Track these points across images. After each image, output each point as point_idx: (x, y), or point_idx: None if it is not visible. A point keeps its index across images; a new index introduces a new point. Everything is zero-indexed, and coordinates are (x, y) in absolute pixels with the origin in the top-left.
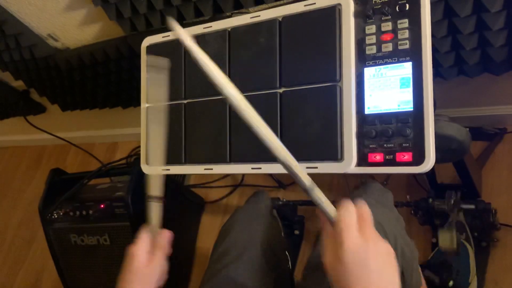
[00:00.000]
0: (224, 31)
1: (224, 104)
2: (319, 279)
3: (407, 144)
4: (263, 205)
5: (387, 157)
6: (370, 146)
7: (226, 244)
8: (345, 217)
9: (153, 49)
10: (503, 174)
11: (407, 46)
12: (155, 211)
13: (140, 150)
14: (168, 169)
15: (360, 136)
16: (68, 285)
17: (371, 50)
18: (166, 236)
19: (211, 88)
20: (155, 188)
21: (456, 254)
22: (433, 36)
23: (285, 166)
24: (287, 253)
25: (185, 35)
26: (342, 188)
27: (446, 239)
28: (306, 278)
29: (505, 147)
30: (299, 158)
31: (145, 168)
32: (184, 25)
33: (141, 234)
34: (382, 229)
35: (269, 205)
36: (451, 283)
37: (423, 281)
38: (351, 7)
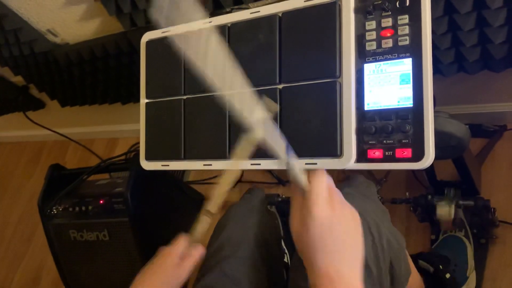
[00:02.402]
0: (223, 26)
1: (223, 99)
2: (303, 269)
3: (407, 140)
4: (258, 200)
5: (386, 153)
6: (370, 142)
7: (220, 240)
8: (317, 186)
9: (152, 45)
10: (502, 171)
11: (407, 42)
12: (203, 224)
13: (139, 146)
14: (168, 165)
15: (360, 132)
16: (67, 280)
17: (371, 46)
18: (200, 250)
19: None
20: (215, 206)
21: (453, 224)
22: (433, 32)
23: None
24: (284, 248)
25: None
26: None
27: (445, 210)
28: (292, 270)
29: (505, 144)
30: (298, 154)
31: (144, 164)
32: None
33: (180, 239)
34: (364, 221)
35: (264, 201)
36: (448, 275)
37: (414, 270)
38: (351, 2)
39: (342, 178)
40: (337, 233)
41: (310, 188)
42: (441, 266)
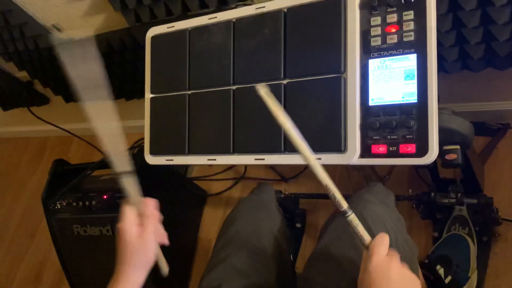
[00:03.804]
0: (229, 22)
1: (228, 95)
2: (321, 266)
3: (411, 136)
4: (267, 196)
5: (390, 148)
6: (374, 137)
7: (230, 233)
8: (379, 241)
9: (157, 40)
10: (505, 169)
11: (412, 38)
12: (129, 185)
13: (143, 142)
14: (172, 159)
15: (364, 127)
16: (70, 275)
17: (376, 42)
18: (150, 203)
19: (215, 79)
20: (121, 165)
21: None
22: (437, 30)
23: (328, 189)
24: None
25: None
26: (345, 180)
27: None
28: (309, 266)
29: (508, 143)
30: None
31: (149, 159)
32: (188, 16)
33: (124, 209)
34: (384, 226)
35: (273, 197)
36: (448, 278)
37: (422, 279)
38: None
39: (363, 186)
40: (393, 278)
41: (373, 244)
42: (442, 271)
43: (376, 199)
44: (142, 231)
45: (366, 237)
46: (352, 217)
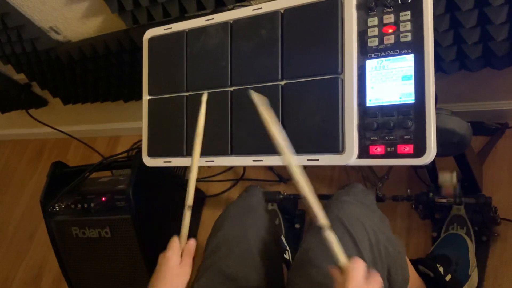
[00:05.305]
0: (226, 23)
1: (226, 96)
2: (304, 272)
3: (408, 136)
4: (255, 199)
5: (388, 149)
6: (372, 138)
7: (217, 240)
8: (355, 267)
9: (155, 42)
10: (504, 168)
11: (409, 39)
12: (187, 219)
13: (141, 144)
14: (170, 161)
15: (362, 128)
16: (70, 277)
17: (373, 43)
18: (193, 244)
19: (213, 80)
20: (191, 197)
21: (454, 196)
22: (435, 30)
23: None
24: (286, 245)
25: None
26: (343, 181)
27: (446, 176)
28: (292, 272)
29: (506, 142)
30: (301, 150)
31: (147, 161)
32: (186, 18)
33: (173, 241)
34: (362, 226)
35: (261, 199)
36: (449, 276)
37: (414, 275)
38: None
39: (342, 186)
40: None
41: (349, 268)
42: (441, 269)
43: (354, 199)
44: (181, 263)
45: (341, 257)
46: (328, 234)
